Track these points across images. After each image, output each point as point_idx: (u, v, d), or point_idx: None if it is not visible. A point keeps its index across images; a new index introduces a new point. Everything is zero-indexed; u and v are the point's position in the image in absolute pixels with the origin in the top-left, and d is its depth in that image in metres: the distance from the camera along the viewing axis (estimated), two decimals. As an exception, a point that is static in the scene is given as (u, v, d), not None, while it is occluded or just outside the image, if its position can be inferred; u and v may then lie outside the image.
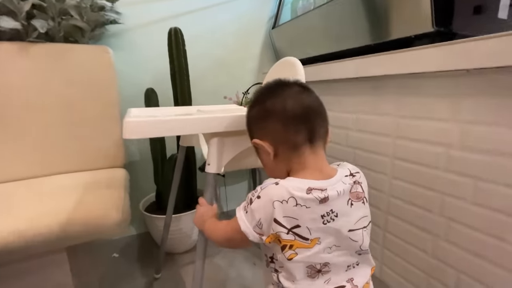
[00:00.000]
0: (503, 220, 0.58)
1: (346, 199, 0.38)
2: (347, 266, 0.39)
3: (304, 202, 0.35)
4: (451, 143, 0.66)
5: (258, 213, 0.35)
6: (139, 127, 0.43)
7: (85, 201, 0.61)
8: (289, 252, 0.35)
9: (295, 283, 0.37)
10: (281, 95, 0.40)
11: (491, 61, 0.53)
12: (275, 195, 0.35)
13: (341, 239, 0.37)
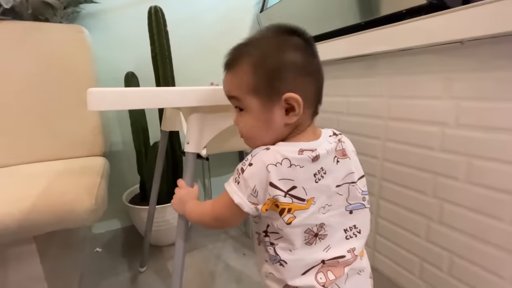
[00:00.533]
0: (497, 198, 0.56)
1: (333, 156, 0.37)
2: (345, 231, 0.38)
3: (298, 162, 0.34)
4: (445, 121, 0.64)
5: (252, 180, 0.33)
6: (104, 98, 0.38)
7: (53, 187, 0.56)
8: (288, 216, 0.34)
9: (293, 252, 0.35)
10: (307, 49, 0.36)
11: (488, 29, 0.50)
12: (268, 159, 0.33)
13: (331, 197, 0.36)
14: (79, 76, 0.84)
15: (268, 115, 0.36)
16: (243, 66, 0.36)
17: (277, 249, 0.35)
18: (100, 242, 1.08)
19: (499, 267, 0.57)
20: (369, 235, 0.87)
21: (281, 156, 0.33)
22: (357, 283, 0.38)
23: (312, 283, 0.34)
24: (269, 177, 0.32)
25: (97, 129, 0.86)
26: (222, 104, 0.48)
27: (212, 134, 0.50)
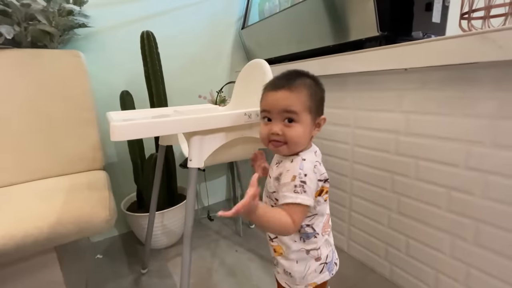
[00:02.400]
0: (437, 190, 0.71)
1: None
2: None
3: (319, 160, 0.51)
4: (398, 130, 0.78)
5: (313, 184, 0.46)
6: (126, 130, 0.48)
7: (71, 203, 0.64)
8: (325, 195, 0.51)
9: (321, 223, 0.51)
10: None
11: (423, 62, 0.65)
12: (311, 168, 0.47)
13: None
14: (77, 97, 0.91)
15: (312, 128, 0.50)
16: (303, 91, 0.48)
17: (315, 226, 0.50)
18: (100, 250, 1.15)
19: (441, 244, 0.73)
20: (345, 227, 1.01)
21: (313, 163, 0.48)
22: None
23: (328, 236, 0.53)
24: (317, 177, 0.47)
25: (97, 145, 0.93)
26: (216, 127, 0.58)
27: (210, 151, 0.61)
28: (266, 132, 0.49)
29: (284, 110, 0.47)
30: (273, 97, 0.48)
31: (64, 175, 0.88)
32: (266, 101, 0.50)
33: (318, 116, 0.50)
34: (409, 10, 0.84)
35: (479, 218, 0.64)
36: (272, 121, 0.49)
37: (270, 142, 0.49)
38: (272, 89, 0.49)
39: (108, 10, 1.07)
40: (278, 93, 0.48)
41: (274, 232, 0.52)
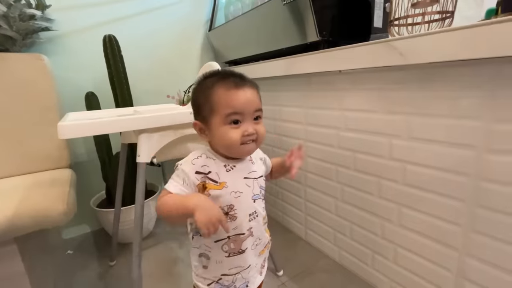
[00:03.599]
0: (372, 180, 0.80)
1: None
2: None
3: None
4: (339, 126, 0.86)
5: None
6: (71, 129, 0.53)
7: (31, 197, 0.68)
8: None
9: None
10: None
11: (355, 64, 0.73)
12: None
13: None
14: (42, 98, 0.94)
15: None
16: (258, 93, 0.47)
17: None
18: (71, 246, 1.19)
19: (374, 227, 0.82)
20: (302, 216, 1.09)
21: None
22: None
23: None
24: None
25: (62, 145, 0.97)
26: (163, 125, 0.64)
27: (158, 148, 0.67)
28: (238, 136, 0.44)
29: (256, 109, 0.45)
30: (244, 96, 0.44)
31: (30, 173, 0.91)
32: (237, 101, 0.44)
33: None
34: (347, 17, 0.91)
35: (401, 203, 0.73)
36: (242, 123, 0.44)
37: (243, 145, 0.45)
38: (238, 88, 0.44)
39: (73, 13, 1.10)
40: (247, 92, 0.44)
41: None
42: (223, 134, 0.44)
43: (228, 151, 0.47)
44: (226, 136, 0.44)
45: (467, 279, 0.62)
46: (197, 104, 0.47)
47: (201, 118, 0.47)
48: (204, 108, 0.46)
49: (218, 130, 0.45)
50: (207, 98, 0.45)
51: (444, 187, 0.62)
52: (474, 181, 0.57)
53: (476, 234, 0.58)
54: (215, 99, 0.44)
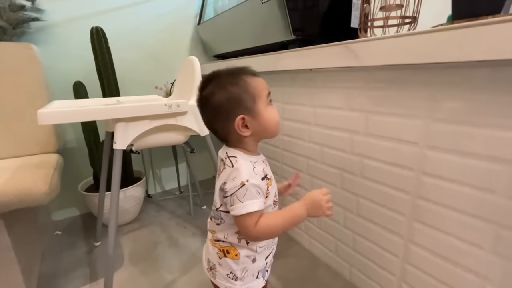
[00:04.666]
0: (334, 172, 0.85)
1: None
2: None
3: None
4: (309, 122, 0.92)
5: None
6: (49, 116, 0.58)
7: (16, 177, 0.74)
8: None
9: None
10: None
11: (320, 64, 0.77)
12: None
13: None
14: (30, 86, 0.99)
15: None
16: None
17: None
18: (60, 227, 1.26)
19: (338, 217, 0.88)
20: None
21: None
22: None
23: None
24: None
25: (50, 131, 1.03)
26: (138, 115, 0.70)
27: (133, 136, 0.72)
28: (278, 113, 0.49)
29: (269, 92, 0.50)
30: (264, 81, 0.49)
31: (18, 157, 0.97)
32: (265, 85, 0.48)
33: None
34: (323, 17, 0.95)
35: (359, 193, 0.79)
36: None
37: None
38: (257, 76, 0.49)
39: (63, 3, 1.14)
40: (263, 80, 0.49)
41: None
42: (271, 114, 0.48)
43: (275, 129, 0.49)
44: (273, 114, 0.48)
45: (410, 263, 0.68)
46: (237, 99, 0.45)
47: (244, 110, 0.46)
48: (246, 98, 0.45)
49: (266, 112, 0.47)
50: (246, 88, 0.45)
51: (393, 180, 0.68)
52: (417, 175, 0.63)
53: (418, 223, 0.64)
54: (253, 85, 0.46)
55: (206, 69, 1.41)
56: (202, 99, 0.48)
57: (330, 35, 0.98)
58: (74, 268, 0.99)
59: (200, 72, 0.86)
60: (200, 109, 0.49)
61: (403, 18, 0.75)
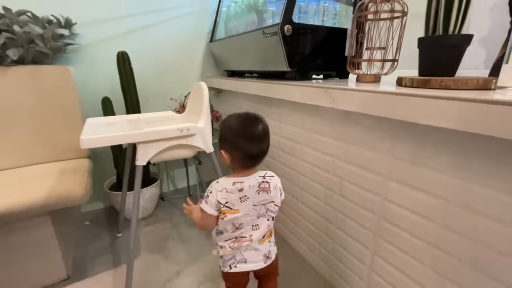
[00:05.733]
0: (319, 188, 0.99)
1: (255, 189, 0.68)
2: (252, 226, 0.70)
3: (229, 190, 0.66)
4: (301, 142, 1.05)
5: (213, 200, 0.66)
6: (89, 142, 0.76)
7: (59, 182, 0.93)
8: (223, 214, 0.67)
9: (226, 231, 0.70)
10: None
11: (307, 100, 0.90)
12: (216, 188, 0.67)
13: (249, 210, 0.68)
14: (66, 102, 1.18)
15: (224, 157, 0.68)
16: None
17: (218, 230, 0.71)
18: (88, 218, 1.47)
19: (321, 226, 1.02)
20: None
21: (222, 186, 0.65)
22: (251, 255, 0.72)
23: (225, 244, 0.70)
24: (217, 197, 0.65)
25: (83, 139, 1.22)
26: (155, 139, 0.86)
27: (152, 154, 0.89)
28: None
29: None
30: None
31: (58, 161, 1.17)
32: None
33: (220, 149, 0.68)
34: (319, 51, 1.06)
35: (338, 209, 0.92)
36: None
37: None
38: None
39: (92, 28, 1.31)
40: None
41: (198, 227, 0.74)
42: None
43: None
44: None
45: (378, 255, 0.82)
46: None
47: None
48: None
49: None
50: None
51: (364, 202, 0.81)
52: (381, 200, 0.76)
53: (381, 240, 0.78)
54: None
55: (217, 84, 1.56)
56: (266, 131, 0.67)
57: (325, 65, 1.11)
58: (100, 254, 1.20)
59: (208, 97, 1.01)
60: (265, 137, 0.67)
61: (384, 62, 0.86)
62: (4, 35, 1.02)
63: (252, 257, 0.73)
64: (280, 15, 0.97)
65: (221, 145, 0.68)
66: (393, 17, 0.81)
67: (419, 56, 0.72)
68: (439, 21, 0.65)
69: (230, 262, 0.72)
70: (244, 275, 0.76)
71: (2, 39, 1.02)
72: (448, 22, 0.64)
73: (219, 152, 0.68)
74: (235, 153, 0.66)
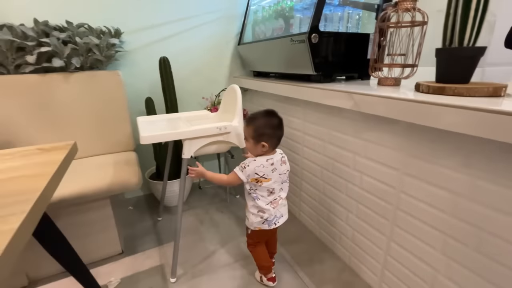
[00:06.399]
0: (341, 181, 1.10)
1: (279, 162, 0.93)
2: (279, 189, 0.95)
3: (265, 165, 0.90)
4: (324, 139, 1.15)
5: (248, 171, 0.89)
6: (148, 139, 0.91)
7: (117, 172, 1.11)
8: (260, 183, 0.90)
9: (264, 197, 0.93)
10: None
11: (332, 102, 1.00)
12: (254, 165, 0.89)
13: (277, 178, 0.92)
14: (117, 102, 1.36)
15: (255, 146, 0.92)
16: (251, 127, 0.91)
17: (258, 195, 0.93)
18: (131, 203, 1.67)
19: (342, 216, 1.13)
20: (297, 202, 1.43)
21: (258, 163, 0.89)
22: (284, 210, 0.98)
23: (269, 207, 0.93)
24: (255, 170, 0.89)
25: (129, 134, 1.40)
26: (200, 136, 1.00)
27: (195, 149, 1.03)
28: None
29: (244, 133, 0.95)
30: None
31: (110, 153, 1.36)
32: None
33: (259, 141, 0.90)
34: (343, 55, 1.15)
35: (358, 200, 1.03)
36: None
37: None
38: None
39: (137, 35, 1.47)
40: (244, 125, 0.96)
41: (213, 181, 0.97)
42: None
43: None
44: None
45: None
46: None
47: None
48: None
49: None
50: None
51: (381, 193, 0.91)
52: (397, 192, 0.85)
53: (397, 228, 0.88)
54: None
55: (244, 83, 1.68)
56: (282, 123, 0.93)
57: (348, 68, 1.20)
58: (145, 235, 1.38)
59: (241, 98, 1.14)
60: (280, 126, 0.92)
61: (405, 67, 0.94)
62: (69, 46, 1.20)
63: (284, 211, 0.99)
64: (307, 23, 1.07)
65: (259, 139, 0.90)
66: (414, 25, 0.89)
67: (436, 64, 0.80)
68: (455, 34, 0.73)
69: (274, 220, 0.96)
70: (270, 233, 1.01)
71: (68, 50, 1.20)
72: (463, 35, 0.72)
73: (257, 144, 0.91)
74: (271, 141, 0.91)
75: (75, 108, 1.28)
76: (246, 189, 0.96)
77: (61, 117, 1.26)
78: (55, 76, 1.23)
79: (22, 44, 1.14)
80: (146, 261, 1.20)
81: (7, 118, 1.17)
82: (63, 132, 1.26)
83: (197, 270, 1.15)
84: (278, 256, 1.20)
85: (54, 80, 1.23)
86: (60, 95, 1.24)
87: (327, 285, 1.06)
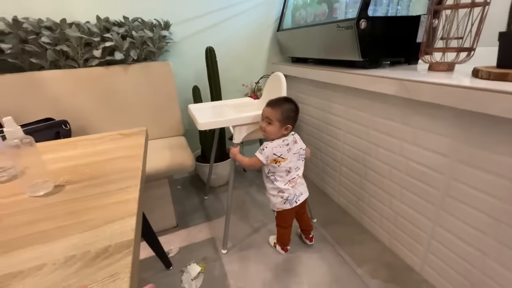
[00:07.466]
0: (385, 167, 1.12)
1: (292, 142, 1.02)
2: (296, 168, 1.04)
3: (281, 145, 0.99)
4: (367, 125, 1.17)
5: (267, 153, 0.98)
6: (205, 125, 1.01)
7: (174, 154, 1.24)
8: (278, 163, 0.99)
9: (282, 178, 1.02)
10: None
11: (381, 89, 1.01)
12: (272, 145, 0.98)
13: (292, 157, 1.01)
14: (169, 91, 1.47)
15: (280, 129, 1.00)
16: (278, 110, 0.98)
17: (276, 177, 1.02)
18: (179, 183, 1.84)
19: (385, 200, 1.16)
20: (336, 185, 1.48)
21: (276, 144, 0.99)
22: (302, 188, 1.07)
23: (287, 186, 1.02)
24: (273, 151, 0.98)
25: (179, 120, 1.52)
26: (249, 122, 1.08)
27: (244, 134, 1.12)
28: (260, 125, 1.04)
29: (266, 116, 1.00)
30: (264, 110, 1.01)
31: (163, 138, 1.50)
32: (263, 110, 1.02)
33: (285, 124, 0.98)
34: (391, 39, 1.13)
35: (402, 185, 1.05)
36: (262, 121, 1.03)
37: (261, 129, 1.04)
38: (266, 106, 1.01)
39: (183, 26, 1.56)
40: (266, 108, 1.01)
41: (241, 163, 1.07)
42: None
43: None
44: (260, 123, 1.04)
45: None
46: None
47: None
48: None
49: None
50: None
51: (428, 179, 0.93)
52: (447, 179, 0.87)
53: (443, 212, 0.90)
54: None
55: (283, 70, 1.72)
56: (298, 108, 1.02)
57: (395, 52, 1.18)
58: (194, 211, 1.54)
59: (285, 86, 1.18)
60: (298, 112, 1.02)
61: (461, 51, 0.91)
62: (128, 40, 1.32)
63: (303, 189, 1.08)
64: (354, 8, 1.06)
65: (286, 122, 0.99)
66: (474, 5, 0.85)
67: (498, 49, 0.77)
68: (523, 16, 0.70)
69: (294, 199, 1.05)
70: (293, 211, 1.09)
71: (127, 43, 1.32)
72: (532, 17, 0.68)
73: (282, 127, 0.99)
74: (293, 124, 1.01)
75: (133, 97, 1.42)
76: (265, 172, 1.05)
77: (122, 105, 1.41)
78: (116, 68, 1.36)
79: (89, 40, 1.28)
80: (198, 234, 1.35)
81: (81, 106, 1.34)
82: (124, 118, 1.42)
83: (245, 243, 1.27)
84: (319, 236, 1.27)
85: (115, 72, 1.37)
86: (121, 85, 1.39)
87: (368, 264, 1.12)
